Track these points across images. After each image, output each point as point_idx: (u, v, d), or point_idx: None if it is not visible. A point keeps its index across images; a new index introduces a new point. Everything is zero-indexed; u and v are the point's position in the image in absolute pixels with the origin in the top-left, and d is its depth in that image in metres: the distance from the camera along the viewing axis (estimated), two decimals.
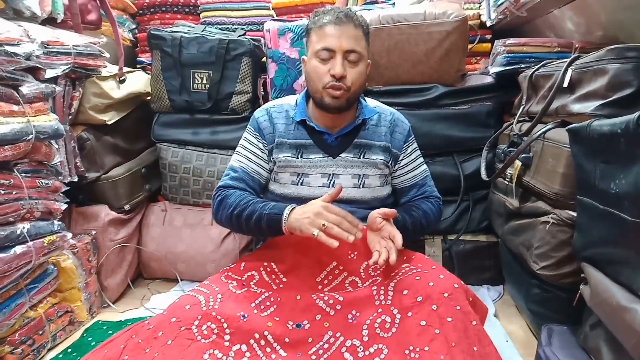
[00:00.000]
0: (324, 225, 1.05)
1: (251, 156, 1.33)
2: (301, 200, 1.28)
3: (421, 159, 1.42)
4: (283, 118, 1.34)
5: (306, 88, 1.32)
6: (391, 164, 1.36)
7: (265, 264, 1.23)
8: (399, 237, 1.11)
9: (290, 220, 1.13)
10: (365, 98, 1.41)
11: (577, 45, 1.45)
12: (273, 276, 1.22)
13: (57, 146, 1.42)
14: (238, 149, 1.36)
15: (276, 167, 1.33)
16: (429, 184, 1.41)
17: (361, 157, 1.31)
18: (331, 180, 1.31)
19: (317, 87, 1.23)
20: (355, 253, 1.23)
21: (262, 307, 1.10)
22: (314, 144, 1.31)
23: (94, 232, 1.66)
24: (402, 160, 1.37)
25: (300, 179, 1.32)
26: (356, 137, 1.32)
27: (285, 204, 1.17)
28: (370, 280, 1.17)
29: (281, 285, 1.19)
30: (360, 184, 1.32)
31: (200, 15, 2.11)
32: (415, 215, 1.31)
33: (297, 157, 1.31)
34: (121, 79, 1.75)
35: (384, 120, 1.36)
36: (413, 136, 1.41)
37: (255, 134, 1.34)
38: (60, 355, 1.39)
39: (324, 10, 1.24)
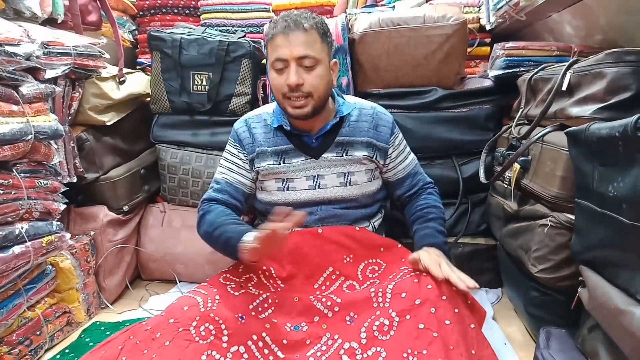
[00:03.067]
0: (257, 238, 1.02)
1: (233, 167, 1.34)
2: (289, 206, 1.27)
3: (409, 149, 1.42)
4: (262, 127, 1.33)
5: None
6: (377, 158, 1.33)
7: (265, 267, 1.23)
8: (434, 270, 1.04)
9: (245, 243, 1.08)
10: (344, 96, 1.38)
11: (576, 49, 1.45)
12: (271, 280, 1.22)
13: (56, 146, 1.42)
14: (221, 161, 1.37)
15: (260, 175, 1.32)
16: (420, 171, 1.42)
17: (344, 154, 1.30)
18: (316, 181, 1.30)
19: (278, 98, 1.22)
20: (352, 256, 1.23)
21: (260, 308, 1.10)
22: (295, 148, 1.29)
23: (92, 233, 1.66)
24: (392, 153, 1.35)
25: (285, 184, 1.31)
26: (337, 135, 1.30)
27: (245, 229, 1.13)
28: (368, 282, 1.17)
29: (279, 289, 1.19)
30: (347, 181, 1.31)
31: (201, 17, 2.11)
32: (435, 217, 1.30)
33: (280, 163, 1.29)
34: (121, 80, 1.75)
35: (365, 115, 1.33)
36: (397, 127, 1.39)
37: (235, 145, 1.35)
38: (58, 356, 1.39)
39: (275, 20, 1.21)
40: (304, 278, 1.20)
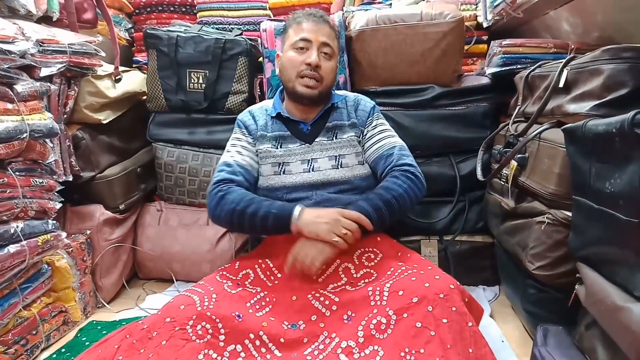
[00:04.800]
0: (345, 234, 1.14)
1: (242, 150, 1.38)
2: (285, 188, 1.34)
3: (389, 133, 1.41)
4: (263, 115, 1.43)
5: (280, 88, 1.43)
6: (361, 138, 1.42)
7: (260, 261, 1.24)
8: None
9: (302, 220, 1.17)
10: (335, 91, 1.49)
11: (572, 46, 1.45)
12: (268, 272, 1.22)
13: (51, 145, 1.41)
14: (228, 147, 1.41)
15: (259, 158, 1.39)
16: (397, 154, 1.35)
17: (334, 138, 1.39)
18: (310, 165, 1.36)
19: (290, 76, 1.31)
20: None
21: (257, 307, 1.10)
22: (291, 135, 1.38)
23: (88, 232, 1.65)
24: (367, 134, 1.42)
25: (281, 168, 1.37)
26: (327, 121, 1.40)
27: (292, 204, 1.21)
28: (364, 271, 1.17)
29: (276, 282, 1.19)
30: (338, 164, 1.36)
31: (197, 14, 2.10)
32: (372, 197, 1.23)
33: (277, 148, 1.37)
34: (117, 78, 1.74)
35: (348, 101, 1.46)
36: (380, 114, 1.47)
37: (242, 131, 1.42)
38: (54, 355, 1.38)
39: (301, 12, 1.37)
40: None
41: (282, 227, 1.19)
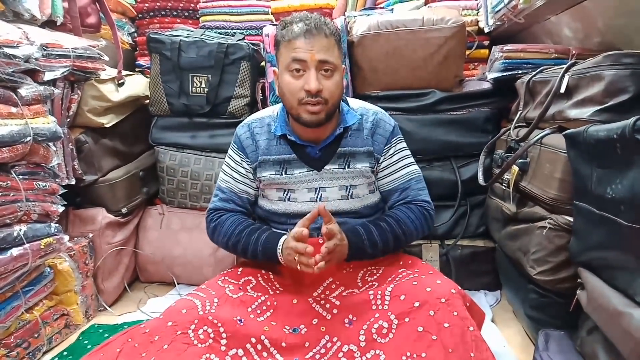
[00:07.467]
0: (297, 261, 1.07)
1: (236, 175, 1.30)
2: (290, 216, 1.27)
3: (407, 161, 1.31)
4: (265, 133, 1.28)
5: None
6: (376, 168, 1.30)
7: (264, 271, 1.23)
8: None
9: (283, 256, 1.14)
10: (349, 100, 1.33)
11: (574, 52, 1.45)
12: (270, 283, 1.21)
13: (55, 148, 1.42)
14: (224, 167, 1.33)
15: (262, 184, 1.30)
16: (413, 188, 1.29)
17: (346, 167, 1.26)
18: (318, 194, 1.26)
19: (292, 104, 1.16)
20: (352, 266, 1.23)
21: (258, 311, 1.09)
22: (298, 159, 1.25)
23: (91, 235, 1.66)
24: (382, 162, 1.29)
25: (287, 194, 1.27)
26: (339, 147, 1.25)
27: (276, 237, 1.17)
28: (367, 286, 1.17)
29: (277, 292, 1.19)
30: (348, 194, 1.27)
31: (200, 19, 2.11)
32: (384, 227, 1.20)
33: (282, 174, 1.26)
34: (120, 82, 1.75)
35: (365, 122, 1.28)
36: (399, 136, 1.32)
37: (239, 153, 1.30)
38: (56, 359, 1.38)
39: (291, 21, 1.15)
40: (304, 287, 1.20)
41: (274, 261, 1.17)
